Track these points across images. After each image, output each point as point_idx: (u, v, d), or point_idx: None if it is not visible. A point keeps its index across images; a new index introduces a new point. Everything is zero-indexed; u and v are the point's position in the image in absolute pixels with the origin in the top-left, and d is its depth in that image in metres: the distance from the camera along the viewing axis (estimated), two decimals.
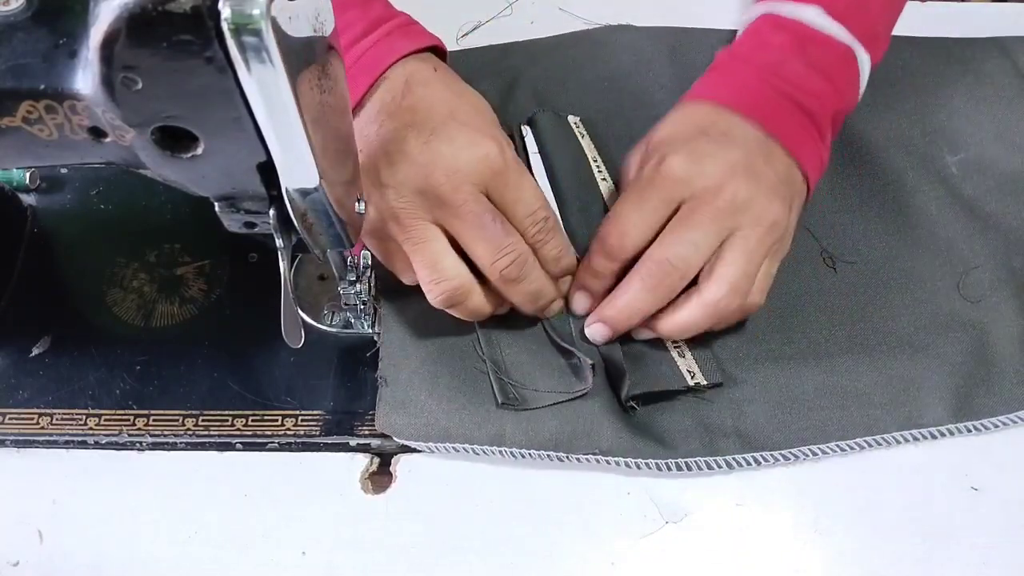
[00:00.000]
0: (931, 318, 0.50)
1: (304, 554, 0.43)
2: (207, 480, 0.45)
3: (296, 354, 0.48)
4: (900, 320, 0.50)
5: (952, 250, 0.53)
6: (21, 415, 0.46)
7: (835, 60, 0.50)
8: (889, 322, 0.50)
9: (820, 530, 0.45)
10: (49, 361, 0.48)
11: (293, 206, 0.34)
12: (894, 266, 0.52)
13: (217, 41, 0.26)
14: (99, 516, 0.44)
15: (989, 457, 0.47)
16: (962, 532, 0.45)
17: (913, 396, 0.47)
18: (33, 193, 0.54)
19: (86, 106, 0.29)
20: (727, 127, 0.47)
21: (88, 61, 0.28)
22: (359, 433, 0.46)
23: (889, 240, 0.53)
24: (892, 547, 0.44)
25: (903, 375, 0.48)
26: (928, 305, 0.51)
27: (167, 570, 0.43)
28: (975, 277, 0.52)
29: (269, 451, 0.46)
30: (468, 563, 0.44)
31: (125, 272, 0.51)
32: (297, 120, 0.29)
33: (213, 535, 0.44)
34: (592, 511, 0.45)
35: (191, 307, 0.50)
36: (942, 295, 0.51)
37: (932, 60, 0.62)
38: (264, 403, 0.47)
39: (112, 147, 0.31)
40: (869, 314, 0.50)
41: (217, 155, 0.31)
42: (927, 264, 0.52)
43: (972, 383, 0.48)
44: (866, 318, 0.50)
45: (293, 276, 0.51)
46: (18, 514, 0.44)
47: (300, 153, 0.31)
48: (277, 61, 0.27)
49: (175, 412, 0.47)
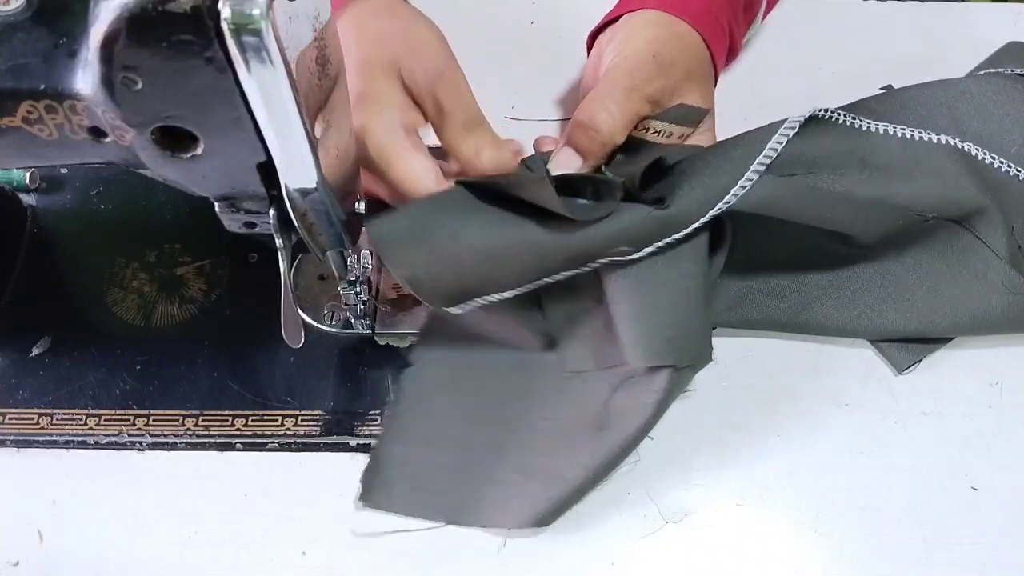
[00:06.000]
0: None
1: (304, 554, 0.43)
2: (207, 480, 0.45)
3: (296, 354, 0.48)
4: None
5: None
6: (21, 415, 0.46)
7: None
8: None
9: (820, 530, 0.45)
10: (49, 361, 0.48)
11: (293, 206, 0.34)
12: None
13: (217, 41, 0.26)
14: (99, 516, 0.44)
15: (989, 457, 0.47)
16: (962, 532, 0.45)
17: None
18: (33, 193, 0.54)
19: (86, 106, 0.29)
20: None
21: (88, 61, 0.28)
22: (359, 433, 0.46)
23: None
24: (892, 547, 0.44)
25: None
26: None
27: (167, 570, 0.43)
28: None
29: (269, 451, 0.46)
30: (468, 563, 0.44)
31: (125, 272, 0.51)
32: (297, 120, 0.29)
33: (213, 535, 0.44)
34: (592, 511, 0.45)
35: (191, 307, 0.50)
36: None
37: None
38: (264, 403, 0.47)
39: (112, 147, 0.31)
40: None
41: (217, 155, 0.31)
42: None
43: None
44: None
45: (293, 276, 0.51)
46: (18, 514, 0.44)
47: (300, 153, 0.31)
48: (277, 61, 0.27)
49: (175, 412, 0.47)
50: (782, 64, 0.58)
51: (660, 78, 0.46)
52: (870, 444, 0.47)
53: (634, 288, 0.43)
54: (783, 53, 0.61)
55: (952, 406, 0.49)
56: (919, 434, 0.48)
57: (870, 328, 0.50)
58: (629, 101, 0.45)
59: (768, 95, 0.49)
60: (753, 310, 0.50)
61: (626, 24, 0.50)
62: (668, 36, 0.48)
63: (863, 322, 0.50)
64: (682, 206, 0.41)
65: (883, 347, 0.50)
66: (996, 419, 0.48)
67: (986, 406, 0.49)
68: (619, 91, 0.45)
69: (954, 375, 0.50)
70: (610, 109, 0.45)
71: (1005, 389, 0.49)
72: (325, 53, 0.33)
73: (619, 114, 0.45)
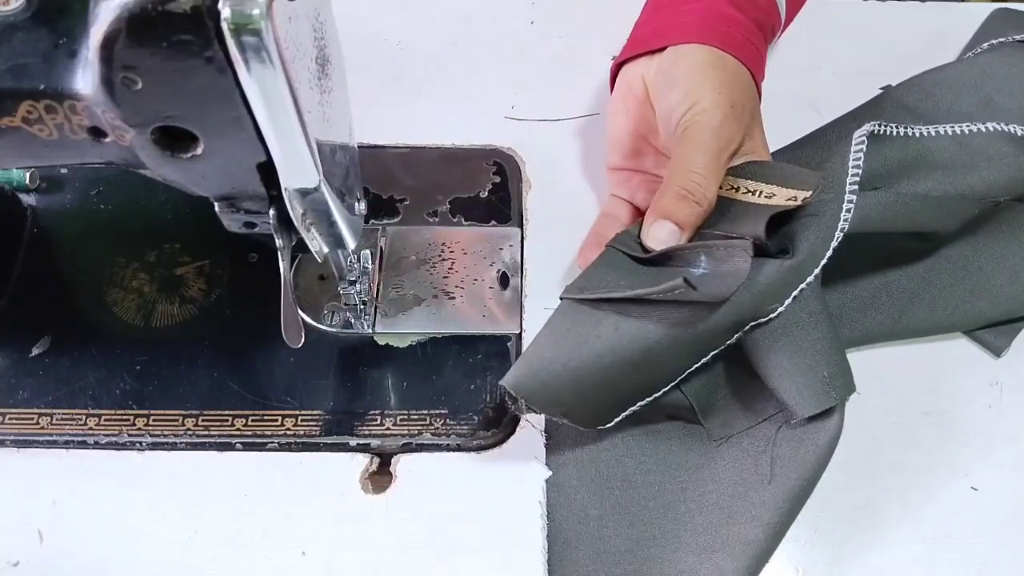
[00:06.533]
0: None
1: (304, 554, 0.43)
2: (207, 480, 0.45)
3: (296, 354, 0.48)
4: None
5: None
6: (21, 415, 0.46)
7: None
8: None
9: (820, 530, 0.45)
10: (49, 361, 0.48)
11: (293, 206, 0.34)
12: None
13: (217, 41, 0.26)
14: (99, 516, 0.44)
15: (989, 457, 0.47)
16: (962, 532, 0.45)
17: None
18: (33, 193, 0.54)
19: (86, 106, 0.29)
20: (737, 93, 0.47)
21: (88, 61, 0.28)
22: (359, 433, 0.46)
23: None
24: (892, 547, 0.44)
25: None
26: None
27: (167, 570, 0.43)
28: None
29: (269, 451, 0.46)
30: (467, 563, 0.44)
31: (125, 272, 0.51)
32: (297, 120, 0.29)
33: (213, 535, 0.44)
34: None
35: (191, 307, 0.50)
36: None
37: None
38: (264, 403, 0.47)
39: (112, 147, 0.31)
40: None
41: (217, 155, 0.31)
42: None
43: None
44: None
45: (293, 276, 0.51)
46: (18, 514, 0.44)
47: (300, 153, 0.31)
48: (277, 61, 0.27)
49: (175, 412, 0.47)
50: (782, 64, 0.58)
51: (739, 129, 0.45)
52: (870, 444, 0.47)
53: (772, 340, 0.42)
54: (783, 53, 0.61)
55: (952, 406, 0.49)
56: (919, 434, 0.48)
57: (965, 321, 0.50)
58: (719, 164, 0.44)
59: (768, 95, 0.49)
60: (853, 328, 0.50)
61: (679, 63, 0.47)
62: (730, 78, 0.46)
63: (958, 317, 0.50)
64: (807, 249, 0.41)
65: (978, 335, 0.51)
66: (996, 419, 0.48)
67: (986, 406, 0.49)
68: (710, 156, 0.43)
69: (954, 375, 0.50)
70: (705, 176, 0.43)
71: (1005, 389, 0.49)
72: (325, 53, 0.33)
73: (713, 181, 0.43)
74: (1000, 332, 0.51)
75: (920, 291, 0.50)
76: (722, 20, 0.48)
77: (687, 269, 0.42)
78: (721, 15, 0.48)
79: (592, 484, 0.45)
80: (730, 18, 0.48)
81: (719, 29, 0.47)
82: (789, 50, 0.61)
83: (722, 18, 0.48)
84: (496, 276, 0.52)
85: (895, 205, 0.44)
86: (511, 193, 0.55)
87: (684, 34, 0.47)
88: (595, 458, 0.46)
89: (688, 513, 0.44)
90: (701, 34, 0.47)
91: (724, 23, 0.47)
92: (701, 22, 0.48)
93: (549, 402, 0.41)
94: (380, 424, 0.47)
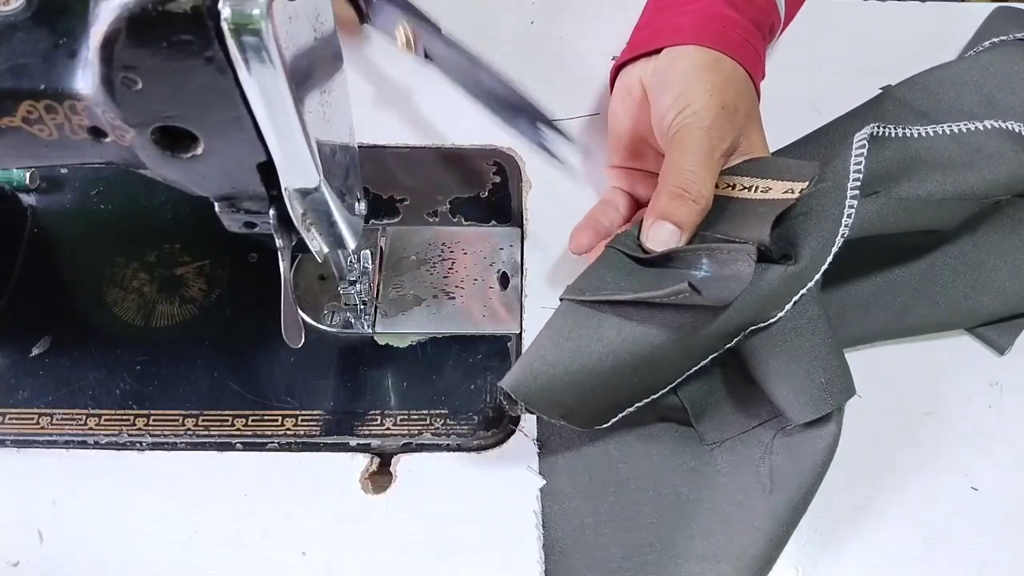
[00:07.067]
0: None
1: (304, 554, 0.43)
2: (207, 480, 0.45)
3: (296, 354, 0.48)
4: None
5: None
6: (21, 415, 0.46)
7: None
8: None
9: (820, 530, 0.45)
10: (49, 361, 0.48)
11: (293, 206, 0.34)
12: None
13: (217, 41, 0.26)
14: (99, 516, 0.44)
15: (989, 457, 0.47)
16: (962, 532, 0.45)
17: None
18: (33, 193, 0.54)
19: (86, 106, 0.29)
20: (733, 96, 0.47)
21: (88, 61, 0.28)
22: (359, 433, 0.46)
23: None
24: (892, 547, 0.44)
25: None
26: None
27: (167, 570, 0.43)
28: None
29: (269, 451, 0.46)
30: (467, 563, 0.44)
31: (125, 272, 0.51)
32: (297, 120, 0.29)
33: (213, 535, 0.44)
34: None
35: (191, 307, 0.50)
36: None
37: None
38: (264, 403, 0.47)
39: (112, 147, 0.31)
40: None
41: (217, 155, 0.31)
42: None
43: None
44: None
45: (293, 276, 0.51)
46: (18, 514, 0.44)
47: (300, 153, 0.31)
48: (277, 61, 0.27)
49: (175, 412, 0.47)
50: (782, 64, 0.58)
51: (731, 129, 0.45)
52: (871, 444, 0.47)
53: (770, 345, 0.42)
54: (783, 53, 0.61)
55: (952, 406, 0.49)
56: (919, 434, 0.48)
57: (968, 317, 0.50)
58: (713, 162, 0.44)
59: (768, 95, 0.49)
60: (855, 327, 0.49)
61: (673, 65, 0.47)
62: (724, 80, 0.46)
63: (961, 313, 0.50)
64: (809, 254, 0.41)
65: (981, 332, 0.51)
66: (996, 419, 0.48)
67: (986, 406, 0.49)
68: (702, 155, 0.43)
69: (954, 375, 0.50)
70: (699, 174, 0.43)
71: (1005, 389, 0.49)
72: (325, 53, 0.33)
73: (708, 179, 0.43)
74: (1003, 330, 0.51)
75: (922, 287, 0.50)
76: (718, 21, 0.48)
77: (688, 271, 0.42)
78: (718, 16, 0.48)
79: (586, 491, 0.45)
80: (727, 18, 0.48)
81: (715, 30, 0.47)
82: (789, 50, 0.61)
83: (718, 19, 0.48)
84: (496, 276, 0.52)
85: (896, 210, 0.44)
86: (511, 193, 0.55)
87: (680, 36, 0.47)
88: (588, 465, 0.46)
89: (684, 518, 0.44)
90: (697, 35, 0.47)
91: (720, 24, 0.48)
92: (697, 23, 0.48)
93: (549, 404, 0.41)
94: (380, 424, 0.47)
